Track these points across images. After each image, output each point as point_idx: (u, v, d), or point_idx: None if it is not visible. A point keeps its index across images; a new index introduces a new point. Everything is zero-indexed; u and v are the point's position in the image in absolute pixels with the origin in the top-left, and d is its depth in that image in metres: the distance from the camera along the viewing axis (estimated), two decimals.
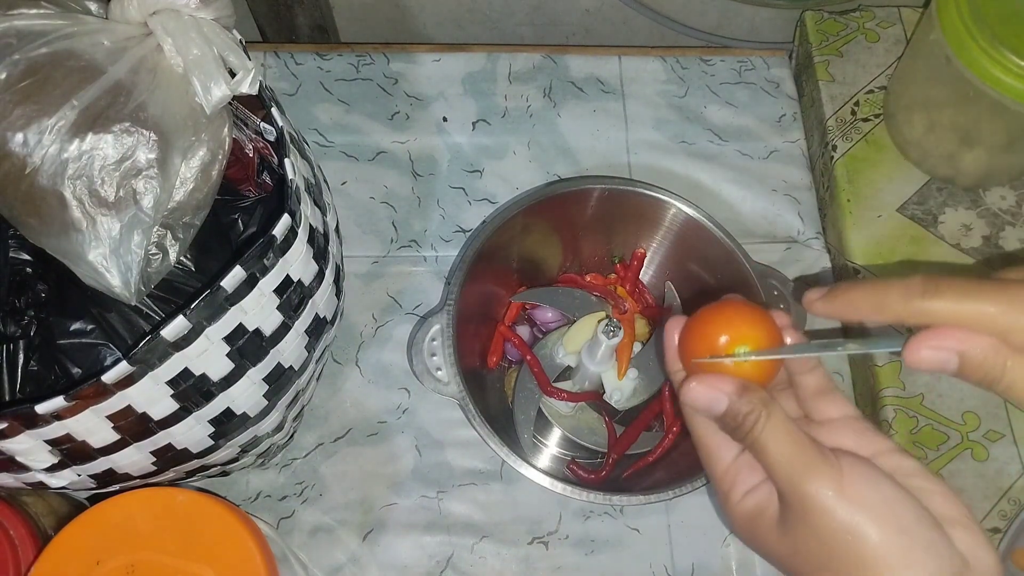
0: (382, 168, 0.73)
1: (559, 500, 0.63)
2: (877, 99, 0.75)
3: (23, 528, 0.49)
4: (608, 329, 0.57)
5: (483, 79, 0.78)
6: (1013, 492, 0.61)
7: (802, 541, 0.33)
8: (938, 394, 0.64)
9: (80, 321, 0.57)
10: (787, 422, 0.33)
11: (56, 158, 0.44)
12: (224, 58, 0.45)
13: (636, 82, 0.78)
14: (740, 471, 0.36)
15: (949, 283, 0.32)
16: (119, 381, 0.39)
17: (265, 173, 0.59)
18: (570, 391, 0.62)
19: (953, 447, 0.62)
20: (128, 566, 0.45)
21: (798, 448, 0.33)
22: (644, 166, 0.75)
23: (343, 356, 0.67)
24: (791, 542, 0.33)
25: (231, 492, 0.62)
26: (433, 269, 0.70)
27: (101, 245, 0.45)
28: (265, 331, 0.45)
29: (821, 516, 0.32)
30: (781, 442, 0.33)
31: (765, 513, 0.35)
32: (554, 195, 0.62)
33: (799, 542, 0.33)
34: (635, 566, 0.62)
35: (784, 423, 0.33)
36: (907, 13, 0.78)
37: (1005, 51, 0.58)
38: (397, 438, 0.64)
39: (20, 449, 0.41)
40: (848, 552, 0.32)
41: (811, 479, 0.32)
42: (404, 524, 0.62)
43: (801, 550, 0.33)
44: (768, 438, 0.33)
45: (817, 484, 0.32)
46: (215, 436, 0.47)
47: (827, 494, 0.32)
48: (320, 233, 0.49)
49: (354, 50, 0.78)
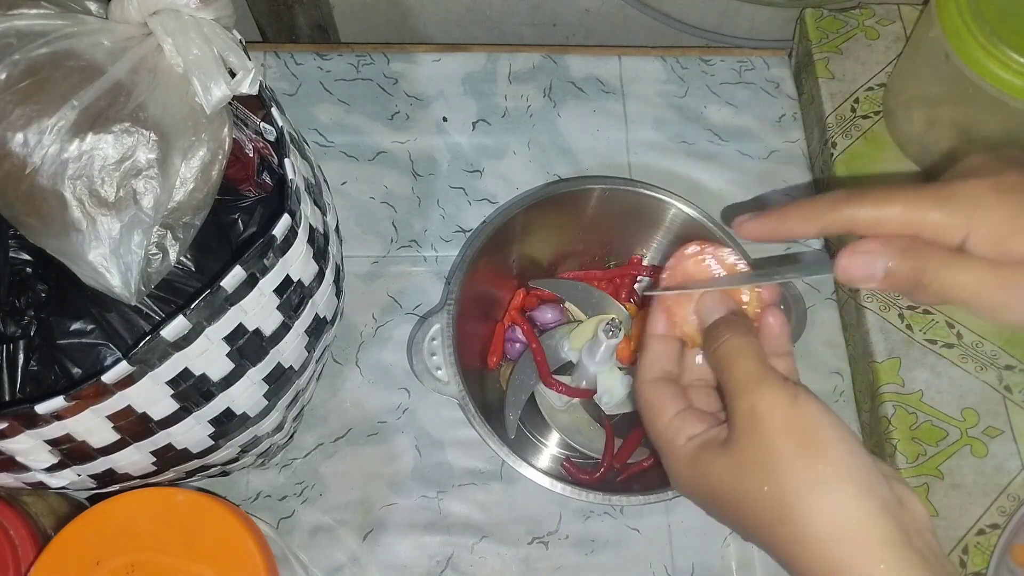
0: (382, 168, 0.73)
1: (559, 500, 0.63)
2: (877, 96, 0.75)
3: (23, 528, 0.49)
4: (608, 329, 0.57)
5: (483, 79, 0.78)
6: (1012, 488, 0.61)
7: (748, 454, 0.34)
8: (937, 390, 0.64)
9: (80, 321, 0.57)
10: (759, 346, 0.37)
11: (56, 158, 0.44)
12: (224, 58, 0.45)
13: (636, 82, 0.78)
14: (684, 421, 0.38)
15: (870, 191, 0.35)
16: (119, 381, 0.39)
17: (265, 173, 0.59)
18: (567, 385, 0.62)
19: (952, 443, 0.62)
20: (128, 566, 0.45)
21: (762, 364, 0.35)
22: (644, 166, 0.75)
23: (343, 356, 0.67)
24: (737, 459, 0.34)
25: (231, 492, 0.62)
26: (433, 269, 0.70)
27: (101, 245, 0.45)
28: (265, 331, 0.45)
29: (772, 422, 0.33)
30: (750, 358, 0.36)
31: (710, 445, 0.36)
32: (554, 195, 0.62)
33: (745, 456, 0.34)
34: (635, 566, 0.62)
35: (756, 345, 0.37)
36: (907, 10, 0.78)
37: (1004, 48, 0.58)
38: (397, 438, 0.64)
39: (20, 449, 0.41)
40: (796, 460, 0.32)
41: (767, 386, 0.34)
42: (404, 524, 0.62)
43: (749, 463, 0.34)
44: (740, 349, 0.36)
45: (772, 390, 0.34)
46: (215, 436, 0.47)
47: (780, 400, 0.34)
48: (320, 233, 0.49)
49: (354, 50, 0.78)
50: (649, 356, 0.41)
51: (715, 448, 0.35)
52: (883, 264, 0.34)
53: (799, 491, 0.32)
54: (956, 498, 0.61)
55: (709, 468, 0.35)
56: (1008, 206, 0.34)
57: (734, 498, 0.35)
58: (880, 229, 0.35)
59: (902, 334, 0.66)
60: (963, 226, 0.34)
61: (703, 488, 0.36)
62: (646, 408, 0.40)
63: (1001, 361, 0.65)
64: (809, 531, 0.32)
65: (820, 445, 0.33)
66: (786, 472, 0.33)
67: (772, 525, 0.33)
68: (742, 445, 0.34)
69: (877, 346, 0.66)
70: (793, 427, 0.33)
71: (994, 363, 0.65)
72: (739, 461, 0.34)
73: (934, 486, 0.61)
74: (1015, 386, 0.64)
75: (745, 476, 0.34)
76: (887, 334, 0.66)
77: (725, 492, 0.35)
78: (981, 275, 0.34)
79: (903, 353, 0.65)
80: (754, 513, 0.34)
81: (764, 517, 0.33)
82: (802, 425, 0.33)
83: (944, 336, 0.66)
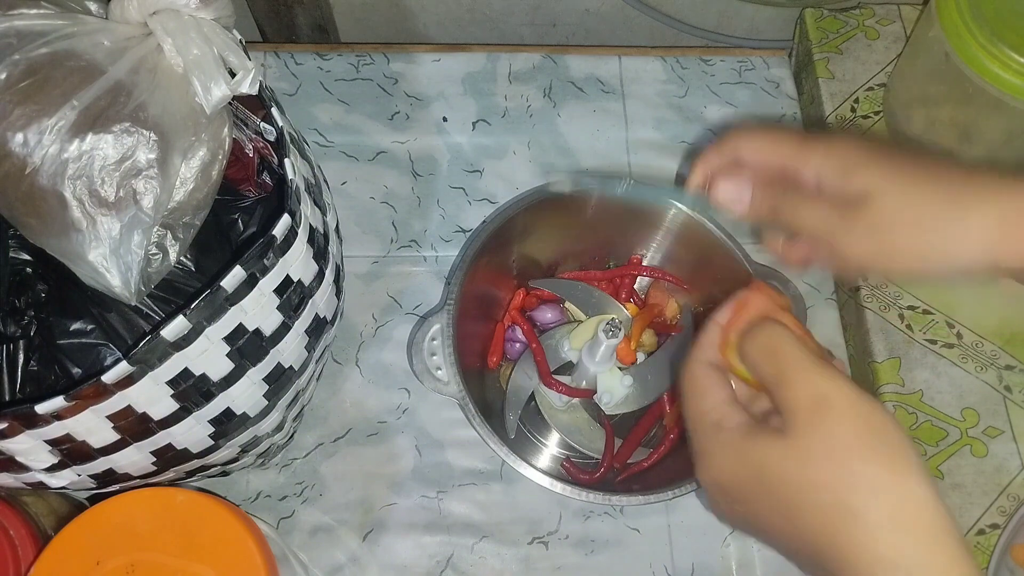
0: (382, 168, 0.73)
1: (559, 500, 0.63)
2: (877, 96, 0.75)
3: (23, 528, 0.49)
4: (608, 329, 0.57)
5: (483, 79, 0.78)
6: (1012, 488, 0.61)
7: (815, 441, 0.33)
8: (937, 390, 0.64)
9: (80, 321, 0.57)
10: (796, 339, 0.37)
11: (56, 158, 0.44)
12: (224, 58, 0.45)
13: (636, 82, 0.78)
14: (732, 406, 0.38)
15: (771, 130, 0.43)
16: (119, 381, 0.39)
17: (265, 173, 0.59)
18: (567, 385, 0.62)
19: (952, 443, 0.62)
20: (128, 566, 0.45)
21: (815, 355, 0.35)
22: (644, 166, 0.75)
23: (343, 356, 0.67)
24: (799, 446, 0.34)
25: (231, 492, 0.62)
26: (433, 269, 0.70)
27: (101, 245, 0.45)
28: (265, 331, 0.45)
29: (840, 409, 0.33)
30: (800, 348, 0.35)
31: (763, 431, 0.35)
32: (554, 195, 0.62)
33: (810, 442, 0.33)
34: (635, 566, 0.62)
35: (801, 339, 0.37)
36: (906, 10, 0.78)
37: (1004, 48, 0.58)
38: (397, 438, 0.64)
39: (20, 449, 0.41)
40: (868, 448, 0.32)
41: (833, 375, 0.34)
42: (404, 524, 0.62)
43: (812, 450, 0.33)
44: (791, 340, 0.36)
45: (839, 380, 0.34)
46: (215, 436, 0.47)
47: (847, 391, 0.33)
48: (320, 233, 0.49)
49: (354, 50, 0.78)
50: (708, 338, 0.40)
51: (770, 435, 0.35)
52: (748, 191, 0.42)
53: (874, 484, 0.32)
54: (956, 498, 0.61)
55: (764, 453, 0.34)
56: (860, 149, 0.39)
57: (790, 486, 0.34)
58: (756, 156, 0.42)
59: (902, 334, 0.66)
60: (817, 164, 0.40)
61: (747, 474, 0.35)
62: (694, 386, 0.39)
63: (1001, 361, 0.65)
64: (877, 519, 0.31)
65: (890, 438, 0.33)
66: (860, 465, 0.32)
67: (831, 516, 0.32)
68: (807, 434, 0.33)
69: (877, 346, 0.66)
70: (863, 419, 0.33)
71: (994, 363, 0.65)
72: (803, 450, 0.33)
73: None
74: (1015, 386, 0.64)
75: (810, 466, 0.33)
76: (887, 334, 0.66)
77: (778, 479, 0.34)
78: (825, 207, 0.39)
79: (903, 353, 0.65)
80: (813, 502, 0.33)
81: (823, 508, 0.33)
82: (871, 416, 0.33)
83: (944, 336, 0.66)
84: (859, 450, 0.33)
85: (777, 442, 0.34)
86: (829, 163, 0.39)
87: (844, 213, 0.38)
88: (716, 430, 0.37)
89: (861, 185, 0.38)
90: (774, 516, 0.35)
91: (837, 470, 0.33)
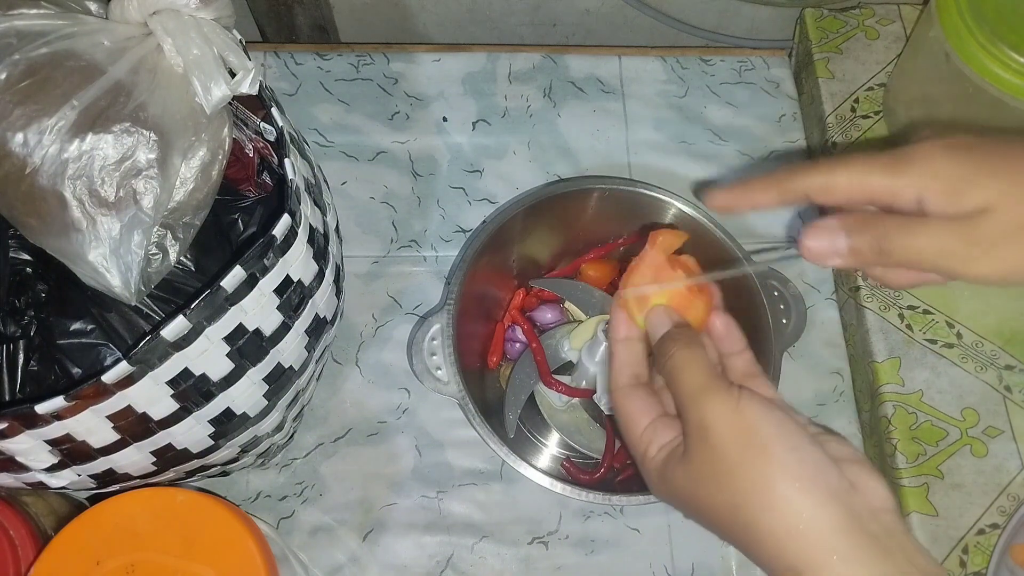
0: (382, 168, 0.73)
1: (559, 500, 0.63)
2: (877, 96, 0.75)
3: (23, 528, 0.49)
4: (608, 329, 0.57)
5: (483, 79, 0.78)
6: (1012, 488, 0.61)
7: (701, 464, 0.35)
8: (937, 390, 0.64)
9: (80, 321, 0.57)
10: (704, 356, 0.37)
11: (56, 158, 0.44)
12: (224, 58, 0.45)
13: (636, 82, 0.78)
14: (656, 431, 0.38)
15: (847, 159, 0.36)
16: (119, 381, 0.39)
17: (265, 173, 0.59)
18: (567, 385, 0.62)
19: (952, 443, 0.62)
20: (128, 566, 0.45)
21: (706, 375, 0.36)
22: (644, 166, 0.75)
23: (343, 356, 0.67)
24: (694, 470, 0.35)
25: (231, 492, 0.62)
26: (433, 269, 0.70)
27: (101, 245, 0.45)
28: (265, 331, 0.45)
29: (718, 431, 0.34)
30: (695, 371, 0.36)
31: (674, 455, 0.37)
32: (554, 195, 0.62)
33: (700, 465, 0.35)
34: (635, 566, 0.62)
35: (702, 355, 0.37)
36: (906, 10, 0.78)
37: (1004, 48, 0.58)
38: (397, 438, 0.64)
39: (20, 449, 0.41)
40: (742, 465, 0.33)
41: (711, 397, 0.35)
42: (404, 524, 0.62)
43: (703, 473, 0.35)
44: (685, 363, 0.37)
45: (716, 400, 0.35)
46: (215, 436, 0.47)
47: (722, 409, 0.34)
48: (320, 233, 0.49)
49: (354, 50, 0.78)
50: (617, 362, 0.41)
51: (676, 459, 0.36)
52: (844, 237, 0.35)
53: (748, 494, 0.33)
54: (956, 498, 0.61)
55: (673, 478, 0.36)
56: (957, 161, 0.34)
57: (695, 505, 0.36)
58: (831, 195, 0.36)
59: (902, 334, 0.66)
60: (915, 186, 0.34)
61: (672, 497, 0.37)
62: (620, 417, 0.40)
63: (1001, 361, 0.65)
64: (763, 532, 0.33)
65: (761, 446, 0.33)
66: (734, 478, 0.33)
67: (732, 529, 0.34)
68: (695, 456, 0.35)
69: (877, 346, 0.66)
70: (736, 433, 0.34)
71: (994, 363, 0.65)
72: (696, 471, 0.35)
73: (934, 486, 0.61)
74: (1015, 386, 0.64)
75: (701, 485, 0.35)
76: (887, 334, 0.66)
77: (688, 500, 0.36)
78: (941, 231, 0.34)
79: (903, 353, 0.65)
80: (715, 519, 0.35)
81: (724, 522, 0.34)
82: (744, 429, 0.34)
83: (944, 336, 0.66)
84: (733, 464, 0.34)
85: (679, 467, 0.36)
86: (935, 183, 0.34)
87: (963, 233, 0.34)
88: (644, 459, 0.38)
89: (978, 199, 0.34)
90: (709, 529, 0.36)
91: (719, 486, 0.34)
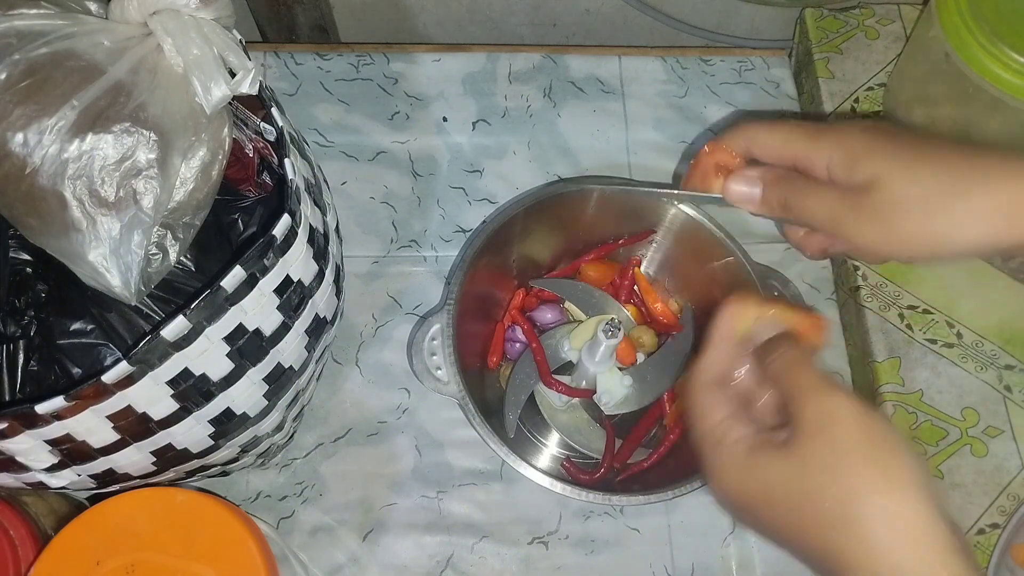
0: (382, 168, 0.73)
1: (559, 500, 0.63)
2: (877, 96, 0.75)
3: (23, 528, 0.49)
4: (608, 329, 0.57)
5: (483, 79, 0.78)
6: (1012, 488, 0.61)
7: (815, 455, 0.34)
8: (937, 390, 0.64)
9: (80, 321, 0.57)
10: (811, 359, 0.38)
11: (56, 158, 0.44)
12: (224, 58, 0.45)
13: (636, 82, 0.78)
14: (732, 426, 0.38)
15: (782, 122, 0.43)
16: (119, 381, 0.39)
17: (265, 173, 0.59)
18: (567, 385, 0.62)
19: (952, 443, 0.62)
20: (128, 566, 0.45)
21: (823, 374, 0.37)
22: (644, 166, 0.75)
23: (343, 356, 0.67)
24: (800, 460, 0.35)
25: (231, 492, 0.62)
26: (433, 269, 0.70)
27: (101, 245, 0.45)
28: (265, 331, 0.45)
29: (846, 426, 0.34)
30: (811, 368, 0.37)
31: (765, 446, 0.36)
32: (554, 195, 0.62)
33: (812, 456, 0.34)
34: (635, 566, 0.62)
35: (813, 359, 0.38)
36: (906, 10, 0.78)
37: (1004, 47, 0.58)
38: (397, 438, 0.64)
39: (20, 449, 0.41)
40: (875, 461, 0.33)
41: (835, 393, 0.35)
42: (404, 524, 0.62)
43: (812, 463, 0.34)
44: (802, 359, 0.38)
45: (841, 396, 0.35)
46: (215, 436, 0.47)
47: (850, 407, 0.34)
48: (320, 233, 0.49)
49: (354, 50, 0.78)
50: (708, 358, 0.41)
51: (772, 449, 0.36)
52: (759, 188, 0.43)
53: (869, 492, 0.32)
54: (956, 498, 0.61)
55: (766, 468, 0.36)
56: (862, 139, 0.39)
57: (793, 497, 0.35)
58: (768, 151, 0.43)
59: (902, 334, 0.66)
60: (825, 154, 0.40)
61: (753, 487, 0.36)
62: (695, 409, 0.40)
63: (1001, 361, 0.65)
64: (874, 532, 0.32)
65: (891, 450, 0.33)
66: (857, 473, 0.33)
67: (832, 525, 0.33)
68: (809, 446, 0.34)
69: (877, 346, 0.66)
70: (864, 431, 0.34)
71: (994, 363, 0.65)
72: (804, 461, 0.34)
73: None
74: (1015, 386, 0.64)
75: (810, 475, 0.34)
76: (887, 334, 0.66)
77: (782, 492, 0.35)
78: (833, 197, 0.39)
79: (903, 353, 0.65)
80: (813, 513, 0.34)
81: (824, 517, 0.33)
82: (873, 430, 0.34)
83: (944, 336, 0.66)
84: (859, 458, 0.33)
85: (779, 453, 0.35)
86: (838, 153, 0.39)
87: (852, 201, 0.39)
88: (719, 447, 0.38)
89: (868, 172, 0.38)
90: (781, 527, 0.36)
91: (837, 477, 0.33)
